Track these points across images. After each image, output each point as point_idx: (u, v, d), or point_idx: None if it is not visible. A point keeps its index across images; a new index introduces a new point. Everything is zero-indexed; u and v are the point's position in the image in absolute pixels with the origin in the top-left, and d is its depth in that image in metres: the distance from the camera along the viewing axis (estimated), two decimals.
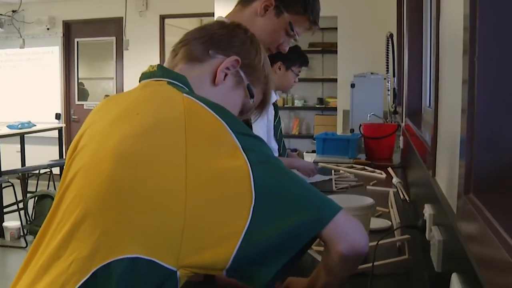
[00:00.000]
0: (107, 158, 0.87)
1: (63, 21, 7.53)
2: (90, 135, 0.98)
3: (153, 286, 0.81)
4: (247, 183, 0.82)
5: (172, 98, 0.94)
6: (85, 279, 0.81)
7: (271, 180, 0.85)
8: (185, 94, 0.94)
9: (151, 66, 1.06)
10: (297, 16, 1.60)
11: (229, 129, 0.87)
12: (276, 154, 2.84)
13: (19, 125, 5.82)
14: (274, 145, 2.85)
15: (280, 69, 2.81)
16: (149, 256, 0.81)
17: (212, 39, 1.09)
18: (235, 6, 1.68)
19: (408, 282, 1.36)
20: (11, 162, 5.64)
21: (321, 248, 1.42)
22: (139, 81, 1.05)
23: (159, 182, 0.83)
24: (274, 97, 2.85)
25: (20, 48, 7.32)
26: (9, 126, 5.73)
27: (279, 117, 2.95)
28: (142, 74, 1.05)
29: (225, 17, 1.67)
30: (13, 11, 7.47)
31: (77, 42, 7.65)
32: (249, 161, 0.84)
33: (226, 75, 1.07)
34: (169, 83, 0.99)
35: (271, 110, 2.81)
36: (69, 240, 0.85)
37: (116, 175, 0.85)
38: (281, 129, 2.97)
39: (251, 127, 1.64)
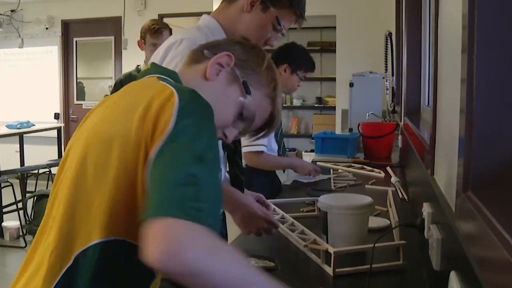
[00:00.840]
0: (80, 145, 0.93)
1: (61, 20, 7.51)
2: (77, 134, 1.01)
3: (132, 264, 0.84)
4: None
5: (147, 86, 0.96)
6: (67, 266, 0.86)
7: (168, 152, 0.80)
8: (161, 81, 0.94)
9: (146, 65, 1.08)
10: (283, 10, 1.59)
11: (176, 108, 0.84)
12: (276, 155, 2.84)
13: (18, 125, 5.81)
14: (274, 146, 2.85)
15: (285, 71, 2.81)
16: (121, 237, 0.86)
17: (213, 43, 1.13)
18: (221, 3, 1.66)
19: (406, 280, 1.37)
20: (10, 162, 5.63)
21: (318, 247, 1.43)
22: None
23: (120, 165, 0.86)
24: None
25: (19, 47, 7.31)
26: (8, 126, 5.73)
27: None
28: (140, 73, 1.08)
29: (211, 15, 1.66)
30: (12, 11, 7.45)
31: (76, 41, 7.64)
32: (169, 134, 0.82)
33: (220, 71, 1.06)
34: (159, 78, 1.00)
35: None
36: (49, 232, 0.90)
37: (82, 161, 0.90)
38: (281, 130, 2.97)
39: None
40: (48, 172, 5.67)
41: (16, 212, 5.01)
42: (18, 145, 6.18)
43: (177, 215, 0.70)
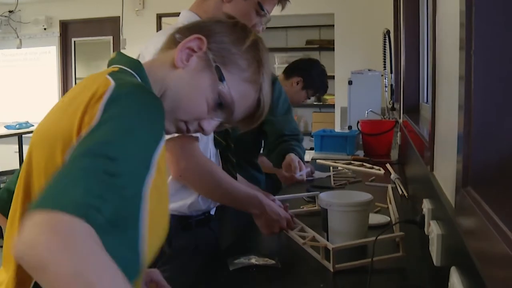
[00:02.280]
0: (28, 150, 0.87)
1: (60, 21, 7.51)
2: None
3: None
4: None
5: (93, 81, 0.85)
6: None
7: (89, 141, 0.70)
8: (107, 75, 0.84)
9: (113, 53, 0.99)
10: None
11: (105, 101, 0.76)
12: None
13: (17, 126, 5.81)
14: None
15: (297, 84, 2.81)
16: None
17: (187, 26, 1.00)
18: None
19: (407, 276, 1.37)
20: (9, 162, 5.63)
21: (317, 244, 1.43)
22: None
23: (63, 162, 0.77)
24: None
25: (17, 48, 7.30)
26: (7, 127, 5.73)
27: None
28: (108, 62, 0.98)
29: (189, 9, 1.63)
30: (10, 11, 7.44)
31: (74, 41, 7.64)
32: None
33: (191, 57, 0.95)
34: (120, 69, 0.91)
35: None
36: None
37: (28, 166, 0.84)
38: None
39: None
40: None
41: None
42: (17, 146, 6.18)
43: (64, 209, 0.60)
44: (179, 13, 1.67)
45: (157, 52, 1.04)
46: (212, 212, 1.62)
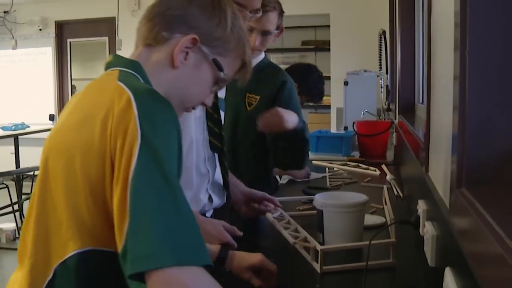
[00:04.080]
0: (43, 154, 0.91)
1: (55, 21, 7.49)
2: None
3: (112, 273, 0.83)
4: (125, 185, 0.79)
5: (105, 88, 0.91)
6: (48, 279, 0.85)
7: (144, 178, 0.79)
8: (119, 82, 0.89)
9: (108, 56, 1.04)
10: None
11: (137, 117, 0.82)
12: None
13: (13, 127, 5.80)
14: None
15: None
16: (100, 247, 0.85)
17: (164, 18, 1.01)
18: None
19: (402, 277, 1.37)
20: (5, 163, 5.62)
21: (306, 244, 1.43)
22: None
23: (87, 175, 0.84)
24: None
25: (13, 49, 7.28)
26: (3, 128, 5.71)
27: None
28: (105, 65, 1.03)
29: None
30: (5, 12, 7.42)
31: (70, 42, 7.62)
32: (137, 158, 0.80)
33: (187, 54, 0.99)
34: (121, 71, 0.95)
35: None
36: (27, 245, 0.89)
37: (44, 176, 0.89)
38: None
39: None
40: None
41: (12, 214, 5.00)
42: (13, 147, 6.16)
43: (170, 263, 0.74)
44: None
45: (139, 44, 1.06)
46: (208, 215, 1.62)
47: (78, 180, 0.84)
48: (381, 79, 4.34)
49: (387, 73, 4.25)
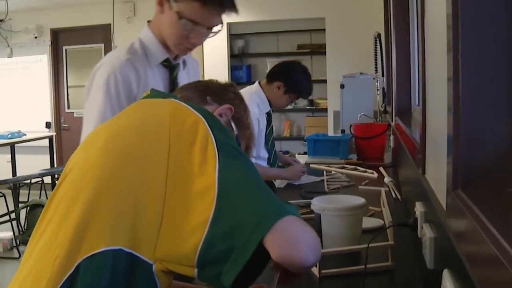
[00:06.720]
0: (96, 155, 0.94)
1: (50, 29, 7.49)
2: (80, 148, 1.04)
3: (130, 278, 0.85)
4: (213, 175, 0.85)
5: (160, 102, 1.02)
6: (70, 272, 0.84)
7: (232, 176, 0.87)
8: (172, 99, 1.00)
9: (144, 92, 1.16)
10: (185, 3, 1.47)
11: (206, 123, 0.93)
12: (265, 163, 2.83)
13: (9, 135, 5.79)
14: (263, 154, 2.84)
15: (279, 89, 2.79)
16: (129, 249, 0.85)
17: (208, 88, 1.22)
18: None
19: (400, 279, 1.37)
20: (2, 172, 5.61)
21: None
22: None
23: (142, 176, 0.88)
24: (267, 107, 2.84)
25: (8, 57, 7.26)
26: None
27: (272, 127, 2.93)
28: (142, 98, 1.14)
29: (149, 24, 1.65)
30: (0, 20, 7.42)
31: (65, 49, 7.62)
32: (218, 153, 0.88)
33: (220, 120, 1.13)
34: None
35: (263, 120, 2.80)
36: (55, 237, 0.89)
37: (102, 169, 0.91)
38: (273, 138, 2.95)
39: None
40: (40, 182, 5.63)
41: (9, 223, 4.97)
42: (10, 155, 6.14)
43: (277, 218, 0.82)
44: None
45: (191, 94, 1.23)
46: None
47: (128, 179, 0.89)
48: (377, 82, 4.35)
49: (383, 75, 4.26)
